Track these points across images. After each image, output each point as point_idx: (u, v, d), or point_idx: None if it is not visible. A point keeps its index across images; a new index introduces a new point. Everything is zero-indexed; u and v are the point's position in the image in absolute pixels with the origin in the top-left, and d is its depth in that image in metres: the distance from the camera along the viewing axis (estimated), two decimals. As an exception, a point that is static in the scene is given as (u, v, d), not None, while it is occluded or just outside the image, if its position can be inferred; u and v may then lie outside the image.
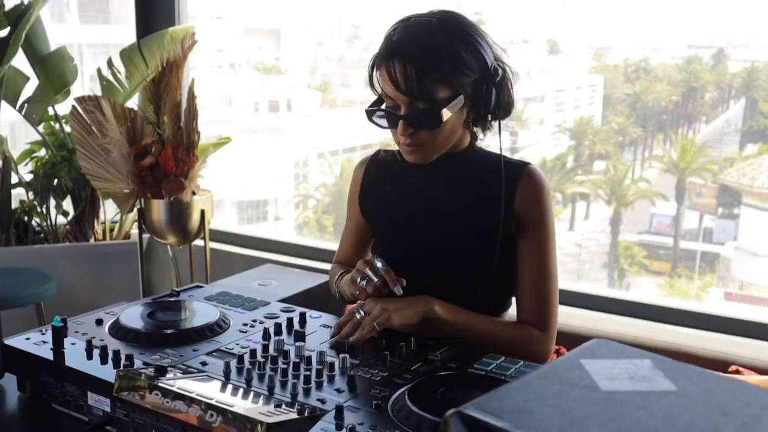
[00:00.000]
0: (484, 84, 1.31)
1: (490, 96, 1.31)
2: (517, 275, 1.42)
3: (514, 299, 1.49)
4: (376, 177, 1.54)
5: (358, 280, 1.37)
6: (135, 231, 3.17)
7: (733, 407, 0.68)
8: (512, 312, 1.51)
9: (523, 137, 9.67)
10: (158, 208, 2.81)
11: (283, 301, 2.30)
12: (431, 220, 1.44)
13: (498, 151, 1.42)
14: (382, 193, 1.52)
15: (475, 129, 1.43)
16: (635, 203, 9.75)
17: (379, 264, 1.36)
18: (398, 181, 1.49)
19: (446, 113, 1.29)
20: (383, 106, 1.36)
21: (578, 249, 9.69)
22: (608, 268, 9.37)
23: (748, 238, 8.09)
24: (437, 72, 1.27)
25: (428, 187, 1.45)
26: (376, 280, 1.35)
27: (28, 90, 3.12)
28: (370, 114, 1.36)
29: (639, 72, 9.52)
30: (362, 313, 1.33)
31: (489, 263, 1.37)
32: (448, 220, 1.43)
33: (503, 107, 1.36)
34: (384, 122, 1.35)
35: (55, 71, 3.09)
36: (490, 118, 1.38)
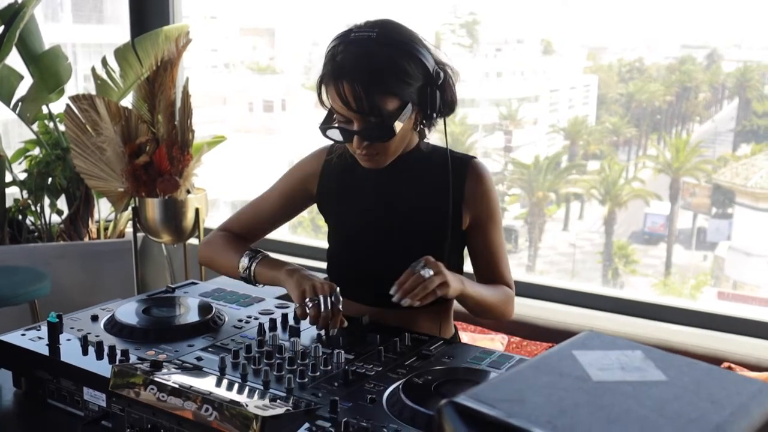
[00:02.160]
0: (428, 88, 1.37)
1: (435, 99, 1.38)
2: (476, 258, 1.54)
3: None
4: (334, 171, 1.56)
5: (308, 299, 1.31)
6: (129, 229, 3.17)
7: (721, 396, 0.69)
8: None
9: (517, 137, 9.69)
10: (153, 207, 2.81)
11: (276, 298, 2.31)
12: (386, 216, 1.50)
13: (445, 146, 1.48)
14: (339, 185, 1.55)
15: (422, 128, 1.47)
16: (629, 203, 9.78)
17: (333, 299, 1.32)
18: (355, 178, 1.53)
19: (398, 125, 1.35)
20: (336, 123, 1.40)
21: (572, 249, 9.71)
22: (602, 267, 9.39)
23: (742, 237, 8.11)
24: (384, 87, 1.32)
25: (381, 186, 1.51)
26: (323, 312, 1.30)
27: (22, 89, 3.12)
28: (324, 131, 1.40)
29: (633, 72, 9.55)
30: (428, 272, 1.31)
31: (440, 260, 1.39)
32: (398, 218, 1.49)
33: (448, 106, 1.43)
34: (339, 136, 1.39)
35: (49, 70, 3.09)
36: (435, 117, 1.44)
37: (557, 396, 0.67)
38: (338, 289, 1.34)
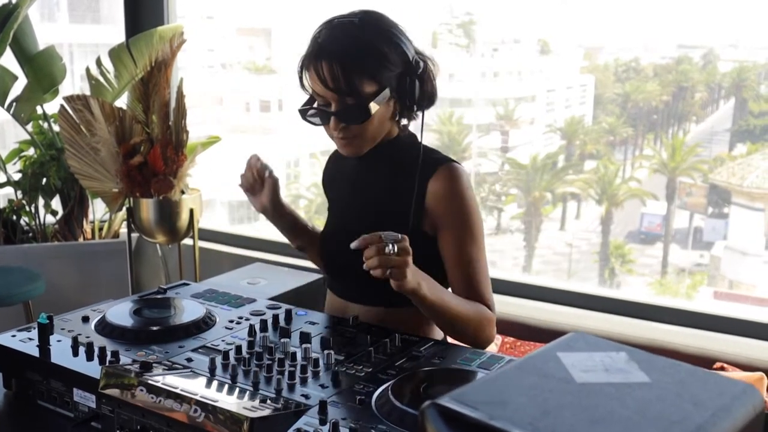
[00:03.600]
0: (408, 77, 1.38)
1: (414, 88, 1.39)
2: (448, 271, 1.45)
3: None
4: (330, 168, 1.65)
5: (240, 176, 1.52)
6: (124, 230, 3.17)
7: (704, 398, 0.69)
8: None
9: (513, 137, 9.70)
10: (147, 207, 2.81)
11: (271, 299, 2.31)
12: (359, 209, 1.52)
13: (427, 144, 1.48)
14: (331, 183, 1.63)
15: (400, 119, 1.47)
16: (626, 203, 9.79)
17: (254, 161, 1.50)
18: (340, 171, 1.59)
19: (374, 107, 1.36)
20: (314, 105, 1.42)
21: (569, 248, 9.72)
22: (599, 267, 9.40)
23: (738, 237, 8.13)
24: (362, 68, 1.34)
25: (360, 178, 1.52)
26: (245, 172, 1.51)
27: (17, 89, 3.12)
28: (303, 113, 1.43)
29: (629, 72, 9.56)
30: (393, 248, 1.25)
31: None
32: (371, 208, 1.50)
33: (427, 98, 1.43)
34: (317, 120, 1.42)
35: (43, 70, 3.09)
36: (415, 109, 1.44)
37: (541, 398, 0.67)
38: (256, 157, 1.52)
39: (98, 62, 3.08)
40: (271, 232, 1.75)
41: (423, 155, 1.45)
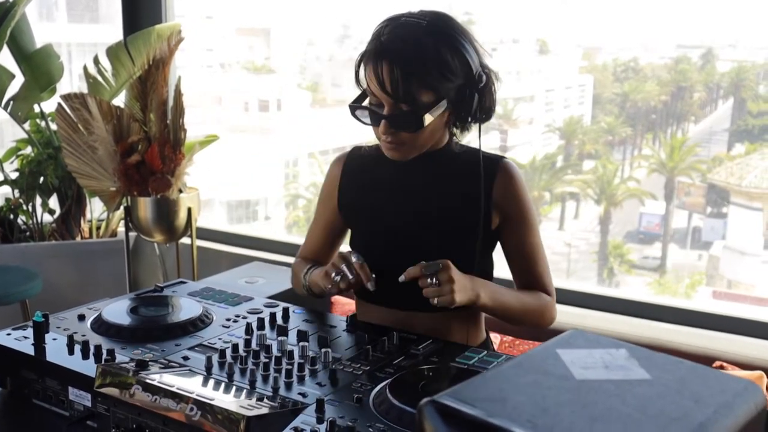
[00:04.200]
0: (468, 89, 1.33)
1: (473, 101, 1.34)
2: (512, 261, 1.50)
3: None
4: (354, 173, 1.54)
5: (333, 274, 1.36)
6: (122, 229, 3.16)
7: (705, 395, 0.68)
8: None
9: (512, 137, 9.70)
10: (145, 206, 2.80)
11: (269, 298, 2.30)
12: (410, 217, 1.45)
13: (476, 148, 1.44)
14: (360, 189, 1.52)
15: (454, 129, 1.45)
16: (624, 202, 9.79)
17: (354, 258, 1.36)
18: (377, 177, 1.50)
19: (428, 118, 1.31)
20: (367, 102, 1.37)
21: (568, 248, 9.72)
22: (597, 266, 9.40)
23: (736, 236, 8.13)
24: (423, 77, 1.29)
25: (407, 183, 1.46)
26: (350, 276, 1.35)
27: (14, 87, 3.10)
28: (353, 109, 1.38)
29: (628, 72, 9.56)
30: (435, 280, 1.29)
31: (470, 260, 1.39)
32: (427, 217, 1.44)
33: (485, 111, 1.39)
34: (367, 119, 1.37)
35: (40, 69, 3.07)
36: (470, 121, 1.40)
37: (539, 395, 0.66)
38: (349, 252, 1.38)
39: (96, 61, 3.07)
40: (270, 232, 1.73)
41: (474, 156, 1.42)
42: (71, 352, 1.24)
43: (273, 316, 1.39)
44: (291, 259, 2.98)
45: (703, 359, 2.17)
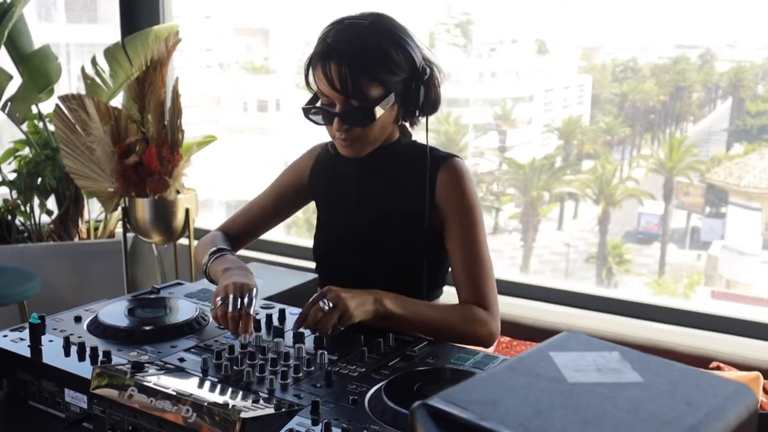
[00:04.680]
0: (414, 82, 1.38)
1: (419, 93, 1.39)
2: (451, 265, 1.48)
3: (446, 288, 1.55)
4: (323, 165, 1.59)
5: (219, 298, 1.30)
6: (119, 230, 3.16)
7: (697, 398, 0.69)
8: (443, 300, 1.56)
9: (511, 137, 9.69)
10: (143, 207, 2.80)
11: (266, 299, 2.30)
12: (364, 213, 1.50)
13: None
14: (325, 183, 1.58)
15: (403, 123, 1.48)
16: (623, 202, 9.78)
17: (246, 300, 1.28)
18: (338, 174, 1.55)
19: (378, 111, 1.36)
20: (319, 104, 1.41)
21: (566, 248, 9.72)
22: (596, 267, 9.40)
23: (735, 236, 8.13)
24: (370, 72, 1.34)
25: (362, 180, 1.51)
26: (230, 311, 1.27)
27: (12, 88, 3.11)
28: (306, 111, 1.42)
29: (627, 72, 9.55)
30: (327, 304, 1.30)
31: (417, 254, 1.42)
32: (379, 212, 1.49)
33: (431, 104, 1.44)
34: (320, 119, 1.41)
35: (38, 70, 3.08)
36: (418, 114, 1.44)
37: (532, 398, 0.67)
38: (255, 290, 1.30)
39: (93, 61, 3.07)
40: (268, 233, 1.73)
41: (423, 152, 1.45)
42: (67, 353, 1.24)
43: (269, 317, 1.39)
44: (289, 260, 3.00)
45: (699, 360, 2.17)
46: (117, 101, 3.05)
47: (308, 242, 3.10)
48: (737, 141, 8.62)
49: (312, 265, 2.90)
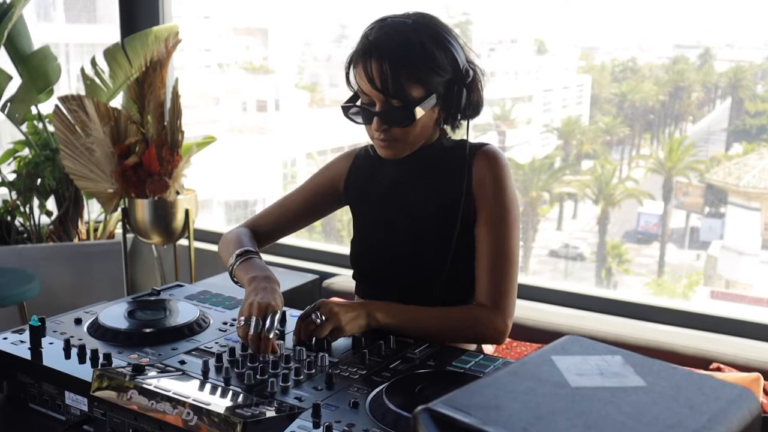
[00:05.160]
0: (456, 84, 1.36)
1: (461, 96, 1.36)
2: (476, 255, 1.43)
3: None
4: (360, 170, 1.56)
5: (242, 318, 1.26)
6: (119, 231, 3.16)
7: (700, 402, 0.68)
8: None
9: (510, 137, 9.69)
10: (142, 208, 2.80)
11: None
12: (402, 217, 1.47)
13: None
14: (362, 186, 1.55)
15: (444, 127, 1.46)
16: (622, 202, 9.79)
17: (268, 324, 1.24)
18: (376, 176, 1.52)
19: (419, 111, 1.34)
20: (359, 103, 1.40)
21: (566, 248, 9.72)
22: (596, 267, 9.40)
23: (734, 236, 8.13)
24: (411, 71, 1.31)
25: (400, 183, 1.49)
26: (251, 333, 1.23)
27: (11, 89, 3.11)
28: (346, 110, 1.41)
29: (626, 72, 9.55)
30: (320, 317, 1.30)
31: (448, 253, 1.39)
32: (417, 215, 1.46)
33: (473, 107, 1.41)
34: (359, 118, 1.40)
35: (37, 70, 3.08)
36: (459, 117, 1.41)
37: (534, 402, 0.67)
38: (279, 312, 1.27)
39: (93, 62, 3.07)
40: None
41: (463, 149, 1.43)
42: (68, 356, 1.24)
43: (270, 319, 1.39)
44: (288, 261, 3.00)
45: (699, 361, 2.17)
46: (117, 102, 3.05)
47: (309, 243, 3.11)
48: (736, 141, 8.63)
49: (311, 266, 2.92)
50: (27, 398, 1.25)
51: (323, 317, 1.30)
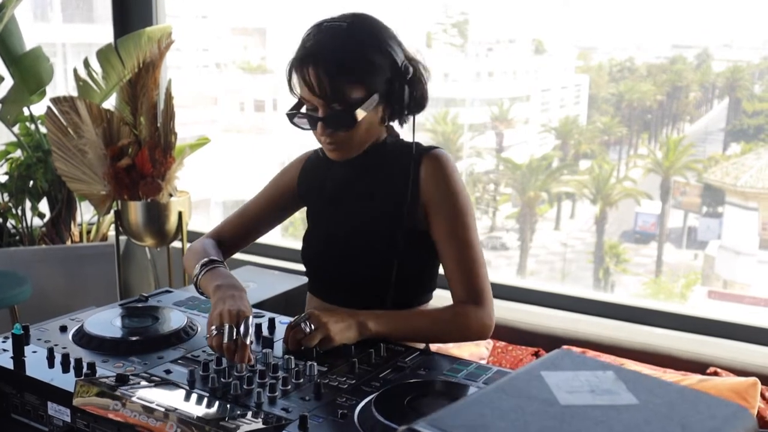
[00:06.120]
0: (397, 82, 1.36)
1: (404, 93, 1.37)
2: (441, 258, 1.44)
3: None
4: (312, 171, 1.57)
5: (213, 327, 1.24)
6: (112, 233, 3.14)
7: (694, 420, 0.66)
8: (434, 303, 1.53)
9: (508, 137, 9.68)
10: (135, 210, 2.77)
11: (260, 303, 2.28)
12: (351, 215, 1.47)
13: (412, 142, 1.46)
14: (314, 188, 1.56)
15: (391, 123, 1.46)
16: (620, 202, 9.77)
17: (242, 329, 1.22)
18: (327, 178, 1.53)
19: (360, 113, 1.34)
20: (303, 109, 1.39)
21: (564, 248, 9.71)
22: (593, 266, 9.38)
23: (732, 236, 8.12)
24: (349, 74, 1.32)
25: (349, 182, 1.49)
26: (225, 341, 1.21)
27: (3, 90, 3.08)
28: (291, 117, 1.40)
29: (624, 72, 9.54)
30: (309, 326, 1.29)
31: (402, 255, 1.40)
32: (365, 214, 1.46)
33: (416, 102, 1.41)
34: (305, 124, 1.39)
35: (30, 71, 3.05)
36: (405, 113, 1.42)
37: (522, 421, 0.64)
38: (251, 318, 1.24)
39: (86, 63, 3.04)
40: (267, 236, 1.71)
41: (409, 149, 1.43)
42: (51, 365, 1.21)
43: (258, 327, 1.37)
44: (285, 264, 2.97)
45: (696, 364, 2.16)
46: (109, 103, 3.02)
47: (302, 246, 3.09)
48: (734, 141, 8.61)
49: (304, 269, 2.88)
50: (9, 408, 1.22)
51: (312, 326, 1.28)
